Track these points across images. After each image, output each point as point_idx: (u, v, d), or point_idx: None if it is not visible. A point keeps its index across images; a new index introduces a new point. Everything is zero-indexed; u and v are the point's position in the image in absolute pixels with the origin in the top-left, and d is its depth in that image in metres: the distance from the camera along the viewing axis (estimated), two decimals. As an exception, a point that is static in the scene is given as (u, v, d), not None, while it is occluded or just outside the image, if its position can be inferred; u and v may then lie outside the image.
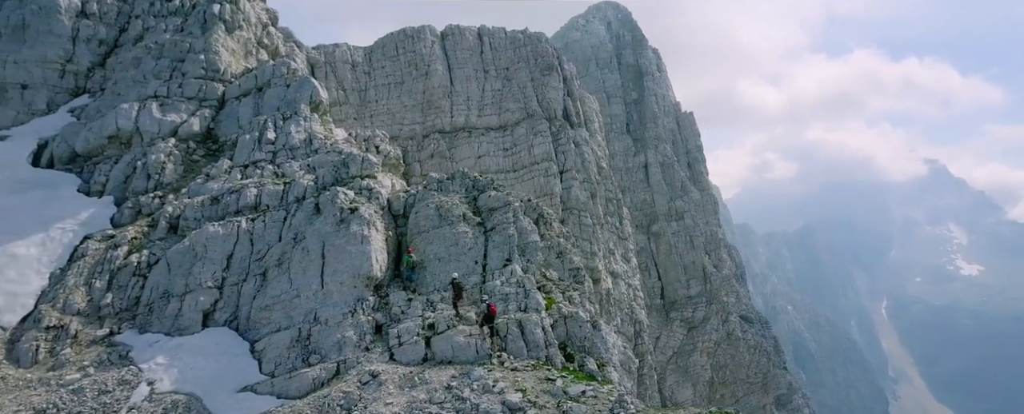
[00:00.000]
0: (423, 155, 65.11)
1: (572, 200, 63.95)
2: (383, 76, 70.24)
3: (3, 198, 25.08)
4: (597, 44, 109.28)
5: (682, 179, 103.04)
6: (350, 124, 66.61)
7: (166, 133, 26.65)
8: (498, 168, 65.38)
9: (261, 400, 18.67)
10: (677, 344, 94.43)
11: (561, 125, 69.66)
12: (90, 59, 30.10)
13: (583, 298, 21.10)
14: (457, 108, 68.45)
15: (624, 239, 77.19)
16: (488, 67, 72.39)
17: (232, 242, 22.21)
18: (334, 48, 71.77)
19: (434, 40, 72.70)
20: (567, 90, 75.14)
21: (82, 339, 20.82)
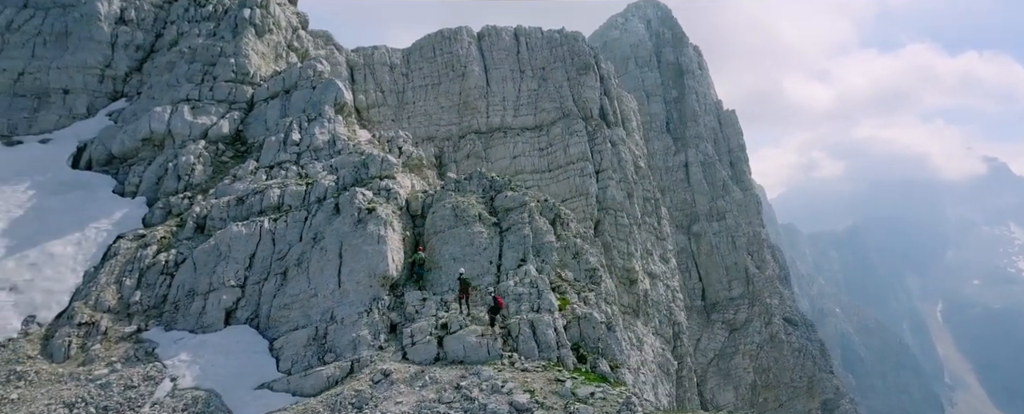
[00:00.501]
0: (459, 156, 65.47)
1: (608, 200, 63.52)
2: (420, 78, 70.90)
3: (44, 199, 26.15)
4: (636, 42, 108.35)
5: (724, 178, 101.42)
6: (388, 125, 67.37)
7: (197, 135, 27.44)
8: (533, 168, 65.38)
9: (277, 397, 19.03)
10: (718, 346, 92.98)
11: (597, 124, 69.27)
12: (128, 64, 31.17)
13: (599, 299, 20.96)
14: (493, 108, 68.68)
15: (663, 239, 76.30)
16: (524, 67, 72.44)
17: (255, 242, 22.72)
18: (373, 50, 72.72)
19: (471, 41, 73.05)
20: (604, 89, 74.67)
21: (111, 335, 21.55)
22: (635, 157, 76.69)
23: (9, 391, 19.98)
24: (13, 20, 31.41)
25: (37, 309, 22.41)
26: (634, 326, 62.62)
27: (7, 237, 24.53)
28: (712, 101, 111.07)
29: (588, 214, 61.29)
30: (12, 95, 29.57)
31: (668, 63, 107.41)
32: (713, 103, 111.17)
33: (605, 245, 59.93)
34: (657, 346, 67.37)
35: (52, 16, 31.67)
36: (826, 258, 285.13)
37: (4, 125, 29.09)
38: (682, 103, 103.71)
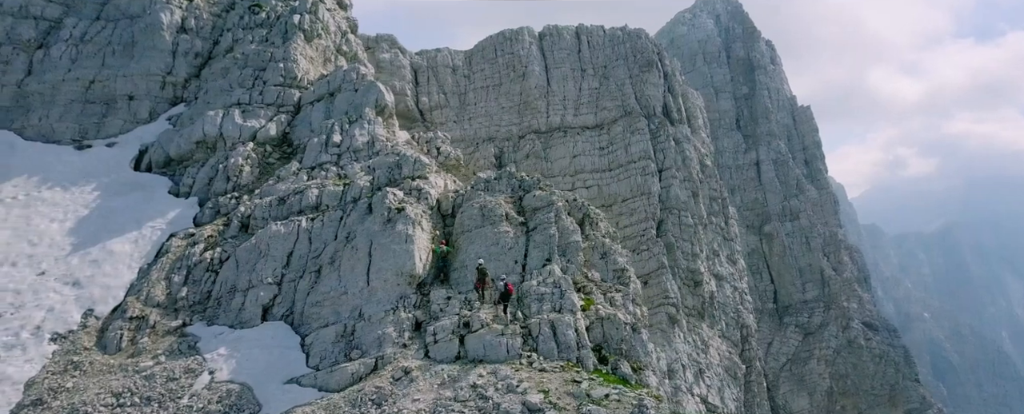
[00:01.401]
0: (519, 156, 65.67)
1: (671, 199, 62.39)
2: (482, 79, 71.56)
3: (108, 200, 27.87)
4: (704, 38, 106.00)
5: (797, 177, 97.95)
6: (450, 127, 68.29)
7: (246, 138, 28.60)
8: (593, 167, 64.95)
9: (304, 392, 19.60)
10: (791, 351, 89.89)
11: (660, 122, 68.14)
12: (187, 71, 32.80)
13: (626, 300, 20.65)
14: (553, 108, 68.60)
15: (730, 240, 74.35)
16: (585, 66, 72.02)
17: (293, 240, 23.50)
18: (436, 53, 73.90)
19: (532, 41, 73.18)
20: (668, 86, 73.37)
21: (159, 329, 22.70)
22: (701, 155, 75.05)
23: (65, 380, 21.34)
24: (86, 32, 33.59)
25: (95, 303, 23.85)
26: (699, 328, 61.28)
27: (73, 235, 26.29)
28: (786, 97, 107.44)
29: (650, 214, 60.36)
30: (84, 102, 31.62)
31: (738, 59, 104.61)
32: (787, 99, 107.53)
33: (668, 246, 58.89)
34: (724, 349, 65.70)
35: (120, 27, 33.68)
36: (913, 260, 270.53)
37: (76, 130, 31.14)
38: (753, 99, 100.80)
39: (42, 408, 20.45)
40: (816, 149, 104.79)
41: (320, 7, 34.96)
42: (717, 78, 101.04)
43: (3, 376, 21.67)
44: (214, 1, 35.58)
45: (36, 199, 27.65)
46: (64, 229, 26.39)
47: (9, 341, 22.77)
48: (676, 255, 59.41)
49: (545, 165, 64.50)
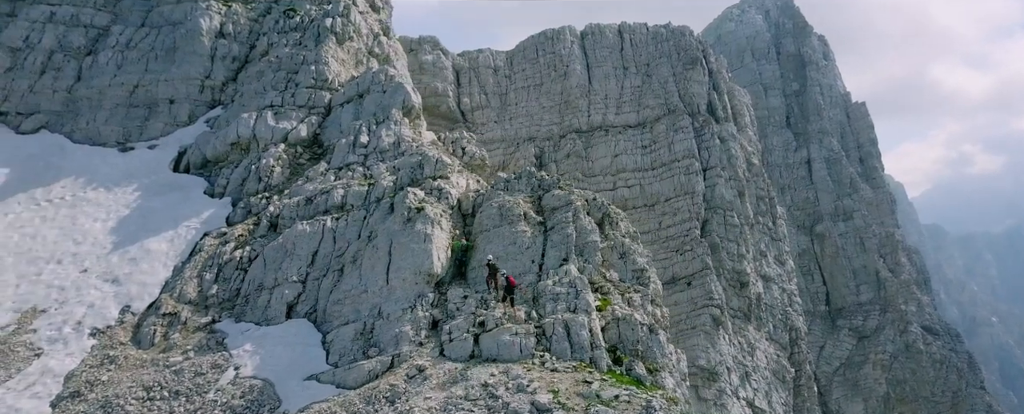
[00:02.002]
0: (559, 155, 65.43)
1: (716, 199, 61.26)
2: (523, 79, 71.58)
3: (148, 200, 28.94)
4: (753, 34, 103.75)
5: (851, 175, 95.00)
6: (490, 127, 68.56)
7: (278, 139, 29.30)
8: (635, 166, 64.22)
9: (323, 389, 19.93)
10: (845, 355, 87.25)
11: (705, 120, 66.99)
12: (225, 74, 33.81)
13: (645, 301, 20.37)
14: (594, 107, 68.13)
15: (778, 240, 72.59)
16: (628, 64, 71.34)
17: (318, 239, 23.96)
18: (478, 54, 74.29)
19: (573, 40, 72.87)
20: (713, 83, 72.08)
21: (190, 325, 23.43)
22: (747, 154, 73.53)
23: (101, 374, 22.19)
24: (132, 38, 34.96)
25: (132, 300, 24.78)
26: (745, 331, 60.00)
27: (114, 234, 27.38)
28: (839, 93, 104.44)
29: (694, 214, 59.38)
30: (128, 106, 32.91)
31: (788, 54, 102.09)
32: (840, 95, 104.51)
33: (712, 246, 57.83)
34: (771, 352, 64.17)
35: (163, 33, 34.96)
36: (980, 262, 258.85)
37: (120, 133, 32.42)
38: (804, 96, 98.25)
39: (79, 400, 21.30)
40: (871, 146, 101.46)
41: (352, 10, 35.56)
42: (766, 75, 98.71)
43: (46, 369, 22.66)
44: (252, 6, 36.60)
45: (82, 199, 28.91)
46: (106, 228, 27.52)
47: (52, 335, 23.83)
48: (721, 256, 58.29)
49: (586, 164, 64.11)
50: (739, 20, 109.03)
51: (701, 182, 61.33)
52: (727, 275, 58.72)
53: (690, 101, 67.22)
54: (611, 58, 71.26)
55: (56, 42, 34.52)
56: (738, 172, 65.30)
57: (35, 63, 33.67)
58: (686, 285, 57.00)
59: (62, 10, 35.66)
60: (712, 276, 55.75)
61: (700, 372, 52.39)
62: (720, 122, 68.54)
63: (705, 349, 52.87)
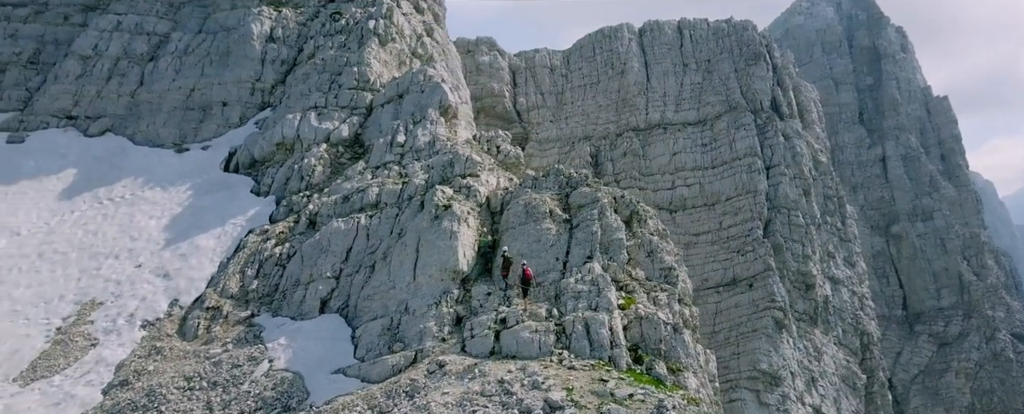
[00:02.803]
0: (615, 154, 64.78)
1: (780, 198, 59.40)
2: (579, 77, 71.24)
3: (199, 198, 30.25)
4: (823, 27, 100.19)
5: (931, 173, 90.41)
6: (546, 127, 68.53)
7: (320, 139, 30.11)
8: (694, 165, 62.92)
9: (348, 382, 20.31)
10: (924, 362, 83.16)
11: (768, 117, 65.10)
12: (274, 77, 35.00)
13: (672, 299, 19.92)
14: (652, 105, 67.17)
15: (848, 241, 69.83)
16: (688, 60, 70.07)
17: (352, 236, 24.47)
18: (534, 54, 74.44)
19: (631, 38, 72.04)
20: (777, 79, 69.99)
21: (231, 319, 24.28)
22: (814, 151, 71.09)
23: (148, 364, 23.25)
24: (189, 44, 36.64)
25: (180, 294, 25.89)
26: (810, 334, 57.94)
27: (167, 231, 28.73)
28: (918, 87, 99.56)
29: (756, 213, 57.74)
30: (185, 109, 34.51)
31: (862, 48, 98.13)
32: (919, 89, 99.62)
33: (775, 246, 56.08)
34: (840, 357, 61.81)
35: (218, 38, 36.48)
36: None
37: (177, 135, 33.99)
38: (879, 91, 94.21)
39: (127, 388, 22.36)
40: (954, 143, 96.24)
41: (395, 12, 36.18)
42: (837, 69, 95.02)
43: (100, 358, 23.90)
44: (301, 10, 37.77)
45: (140, 198, 30.44)
46: (160, 225, 28.90)
47: (107, 326, 25.14)
48: (785, 256, 56.46)
49: (643, 163, 63.22)
50: (808, 13, 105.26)
51: (764, 180, 59.59)
52: (791, 277, 56.81)
53: (752, 97, 65.43)
54: (670, 55, 70.11)
55: (121, 49, 36.51)
56: (803, 170, 63.13)
57: (102, 70, 35.71)
58: (747, 287, 55.45)
59: (127, 19, 37.69)
60: (775, 277, 54.06)
61: (761, 376, 50.86)
62: (784, 119, 66.45)
63: (767, 353, 51.29)
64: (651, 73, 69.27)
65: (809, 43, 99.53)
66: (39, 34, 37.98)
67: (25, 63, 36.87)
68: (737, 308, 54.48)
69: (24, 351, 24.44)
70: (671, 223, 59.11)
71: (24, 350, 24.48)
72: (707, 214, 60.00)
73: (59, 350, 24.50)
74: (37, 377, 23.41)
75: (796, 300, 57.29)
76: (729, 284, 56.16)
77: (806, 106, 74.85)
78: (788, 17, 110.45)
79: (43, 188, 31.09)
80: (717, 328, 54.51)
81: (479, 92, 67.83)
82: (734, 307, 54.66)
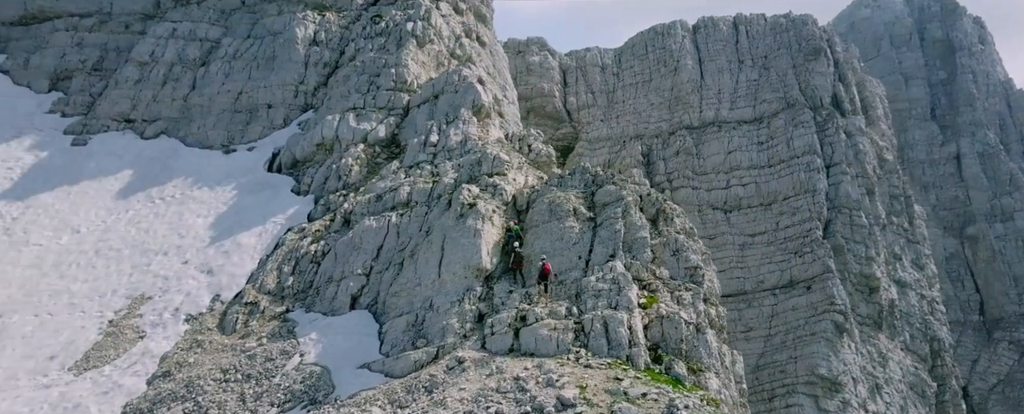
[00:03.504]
0: (668, 153, 63.64)
1: (841, 197, 57.19)
2: (631, 76, 70.40)
3: (243, 198, 31.34)
4: (892, 20, 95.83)
5: (1011, 171, 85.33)
6: (596, 126, 67.94)
7: (358, 140, 30.75)
8: (750, 163, 61.13)
9: (372, 377, 20.64)
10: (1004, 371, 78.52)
11: (829, 114, 62.89)
12: (316, 79, 35.95)
13: (696, 299, 19.47)
14: (706, 102, 65.76)
15: (916, 243, 66.79)
16: (743, 57, 68.39)
17: (383, 234, 24.88)
18: (585, 52, 74.01)
19: (685, 35, 70.78)
20: (838, 74, 67.51)
21: (267, 314, 24.99)
22: (879, 149, 68.29)
23: (189, 356, 24.16)
24: (238, 49, 38.03)
25: (222, 289, 26.83)
26: (875, 339, 55.71)
27: (213, 229, 29.86)
28: (997, 81, 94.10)
29: (815, 213, 55.77)
30: (233, 111, 35.82)
31: (934, 40, 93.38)
32: (999, 83, 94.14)
33: (835, 248, 54.06)
34: (908, 364, 59.21)
35: (265, 43, 37.75)
36: None
37: (225, 137, 35.31)
38: (953, 85, 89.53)
39: (169, 379, 23.30)
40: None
41: (433, 13, 36.63)
42: (907, 63, 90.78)
43: (146, 350, 24.99)
44: (343, 14, 38.67)
45: (189, 198, 31.73)
46: (206, 224, 30.07)
47: (155, 320, 26.28)
48: (846, 258, 54.36)
49: (697, 162, 61.84)
50: (875, 6, 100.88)
51: (823, 179, 57.52)
52: (853, 279, 54.68)
53: (812, 94, 63.34)
54: (725, 51, 68.56)
55: (176, 55, 38.19)
56: (867, 169, 60.72)
57: (158, 75, 37.41)
58: (805, 289, 53.66)
59: (182, 26, 39.39)
60: (834, 280, 52.10)
61: (820, 381, 49.13)
62: (846, 115, 64.03)
63: (825, 357, 49.53)
64: (705, 70, 67.84)
65: (876, 37, 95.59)
66: (103, 42, 40.11)
67: (90, 70, 39.00)
68: (794, 311, 52.79)
69: (79, 342, 25.76)
70: (725, 223, 57.82)
71: (79, 341, 25.80)
72: (763, 214, 58.29)
73: (110, 342, 25.73)
74: (90, 367, 24.63)
75: (858, 303, 55.10)
76: (786, 286, 54.41)
77: (871, 102, 71.99)
78: (853, 10, 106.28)
79: (102, 188, 32.79)
80: (773, 331, 52.98)
81: (529, 92, 67.81)
82: (791, 310, 52.98)
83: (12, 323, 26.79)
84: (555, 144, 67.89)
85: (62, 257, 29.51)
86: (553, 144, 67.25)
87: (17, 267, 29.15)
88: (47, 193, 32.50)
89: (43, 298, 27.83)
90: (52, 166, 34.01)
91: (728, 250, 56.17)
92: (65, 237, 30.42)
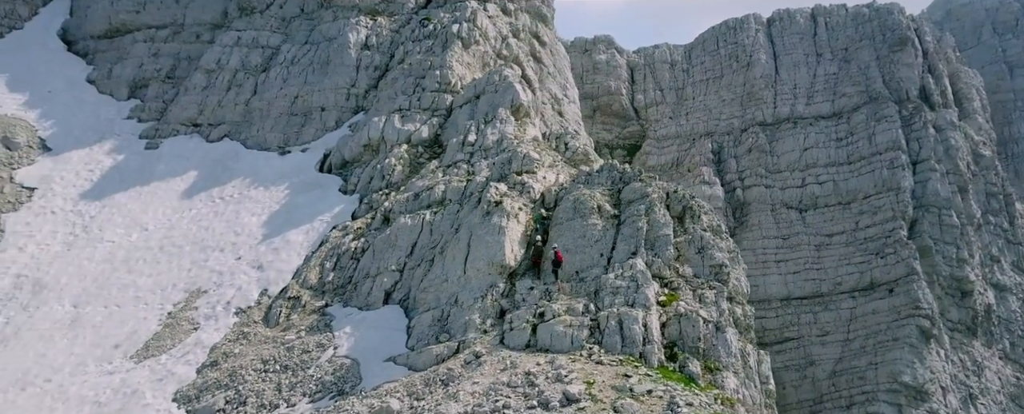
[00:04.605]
0: (740, 150, 61.63)
1: (928, 196, 53.92)
2: (701, 72, 68.66)
3: (294, 197, 32.58)
4: (994, 5, 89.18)
5: None
6: (664, 124, 66.55)
7: (402, 140, 31.39)
8: (828, 161, 58.42)
9: (397, 369, 21.06)
10: (1125, 385, 71.88)
11: (916, 107, 59.39)
12: (367, 83, 36.89)
13: (720, 298, 18.86)
14: (781, 98, 63.32)
15: (1017, 244, 62.19)
16: (822, 50, 65.53)
17: (417, 232, 25.31)
18: (653, 50, 72.77)
19: (759, 28, 68.48)
20: (928, 65, 63.66)
21: (307, 308, 25.86)
22: (974, 144, 64.03)
23: (235, 347, 25.28)
24: (296, 55, 39.54)
25: (270, 284, 27.94)
26: (968, 346, 52.32)
27: (265, 227, 31.17)
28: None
29: (899, 212, 52.71)
30: (289, 115, 37.29)
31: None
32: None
33: (922, 249, 50.98)
34: (1008, 374, 55.35)
35: (320, 48, 39.09)
36: None
37: (281, 139, 36.79)
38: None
39: (215, 369, 24.47)
40: None
41: (480, 15, 36.93)
42: (1011, 52, 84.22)
43: (198, 341, 26.31)
44: (395, 18, 39.53)
45: (246, 197, 33.23)
46: (260, 222, 31.41)
47: (208, 312, 27.63)
48: (934, 260, 51.15)
49: (770, 159, 59.52)
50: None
51: (909, 177, 54.34)
52: (943, 282, 51.39)
53: (897, 87, 59.95)
54: (802, 44, 65.86)
55: (239, 62, 40.09)
56: (959, 165, 56.94)
57: (223, 81, 39.36)
58: (887, 292, 50.83)
59: (246, 34, 41.33)
60: (920, 282, 49.10)
61: (903, 389, 46.45)
62: (936, 108, 60.20)
63: (909, 364, 46.77)
64: (780, 65, 65.38)
65: (976, 24, 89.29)
66: (176, 52, 42.58)
67: (164, 78, 41.52)
68: (875, 314, 50.08)
69: (141, 332, 27.40)
70: (800, 223, 55.51)
71: (141, 331, 27.44)
72: (842, 213, 55.51)
73: (168, 332, 27.23)
74: (148, 355, 26.16)
75: (948, 308, 51.73)
76: (866, 289, 51.65)
77: (966, 94, 67.52)
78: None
79: (169, 188, 34.79)
80: (851, 335, 50.42)
81: (595, 91, 67.18)
82: (871, 313, 50.27)
83: (85, 314, 28.75)
84: (622, 143, 67.12)
85: (131, 253, 31.46)
86: (620, 143, 66.52)
87: (92, 262, 31.30)
88: (121, 193, 34.78)
89: (113, 291, 29.73)
90: (127, 168, 36.39)
91: (803, 250, 53.87)
92: (135, 234, 32.43)
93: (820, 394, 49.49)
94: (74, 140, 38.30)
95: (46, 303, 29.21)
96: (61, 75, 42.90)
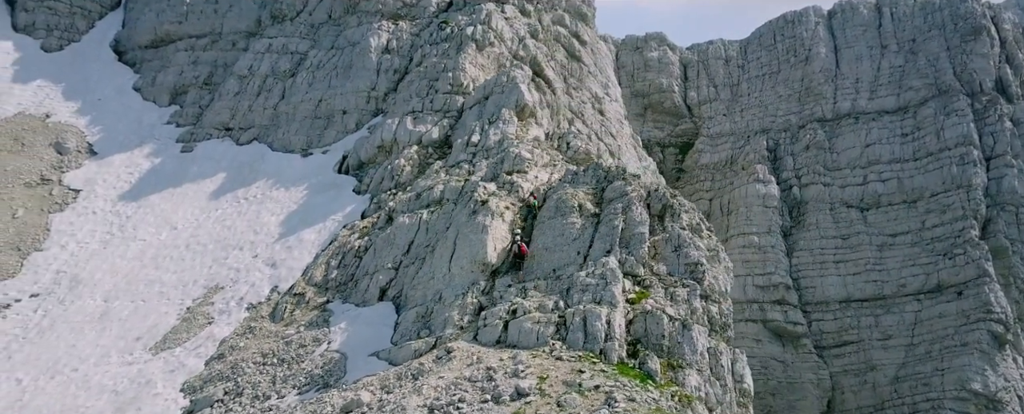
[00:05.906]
0: (797, 148, 59.53)
1: (1003, 193, 51.02)
2: (757, 67, 66.83)
3: (311, 197, 33.65)
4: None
5: None
6: (718, 120, 64.91)
7: (413, 142, 31.97)
8: (891, 157, 55.68)
9: (378, 364, 21.54)
10: None
11: (990, 100, 56.19)
12: (387, 86, 37.68)
13: (692, 296, 18.54)
14: (842, 92, 60.95)
15: (1109, 247, 57.84)
16: (887, 41, 62.69)
17: (414, 231, 25.80)
18: (707, 46, 71.19)
19: (818, 21, 66.24)
20: (1005, 55, 60.05)
21: (310, 304, 26.67)
22: (1057, 138, 59.90)
23: (241, 341, 26.31)
24: (322, 60, 40.77)
25: (281, 281, 28.95)
26: (1042, 353, 49.09)
27: (282, 226, 32.30)
28: None
29: (970, 211, 49.88)
30: (313, 118, 38.50)
31: None
32: None
33: (995, 250, 48.24)
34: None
35: (344, 53, 40.19)
36: None
37: (304, 141, 38.02)
38: None
39: (221, 361, 25.54)
40: None
41: (495, 17, 37.21)
42: (1104, 37, 78.44)
43: (211, 335, 27.50)
44: (415, 22, 40.26)
45: (267, 198, 34.51)
46: (277, 221, 32.58)
47: (222, 308, 28.83)
48: (1010, 261, 48.38)
49: (829, 157, 57.22)
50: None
51: (981, 173, 51.45)
52: (1019, 285, 48.54)
53: (970, 79, 56.85)
54: (865, 37, 63.19)
55: (269, 68, 41.64)
56: (1038, 160, 53.43)
57: (254, 87, 40.97)
58: (956, 295, 48.16)
59: (277, 41, 42.92)
60: (993, 285, 46.45)
61: (973, 397, 44.12)
62: (1013, 101, 56.75)
63: (980, 370, 44.33)
64: (840, 58, 62.91)
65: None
66: (213, 59, 44.55)
67: (201, 85, 43.51)
68: (942, 318, 47.56)
69: (161, 326, 28.80)
70: (861, 222, 53.11)
71: (161, 325, 28.85)
72: (907, 212, 52.75)
73: (184, 326, 28.55)
74: (165, 348, 27.47)
75: (1024, 312, 48.78)
76: (932, 291, 48.98)
77: (1050, 85, 63.35)
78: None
79: (200, 189, 36.47)
80: (916, 340, 47.98)
81: (647, 88, 66.28)
82: (938, 317, 47.73)
83: (114, 308, 30.41)
84: (674, 141, 65.86)
85: (160, 251, 33.11)
86: (671, 141, 65.28)
87: (124, 259, 33.09)
88: (156, 194, 36.67)
89: (140, 287, 31.35)
90: (163, 171, 38.34)
91: (864, 251, 51.46)
92: (164, 233, 34.11)
93: (881, 400, 47.37)
94: (118, 145, 40.63)
95: (80, 298, 31.01)
96: (111, 84, 45.60)
